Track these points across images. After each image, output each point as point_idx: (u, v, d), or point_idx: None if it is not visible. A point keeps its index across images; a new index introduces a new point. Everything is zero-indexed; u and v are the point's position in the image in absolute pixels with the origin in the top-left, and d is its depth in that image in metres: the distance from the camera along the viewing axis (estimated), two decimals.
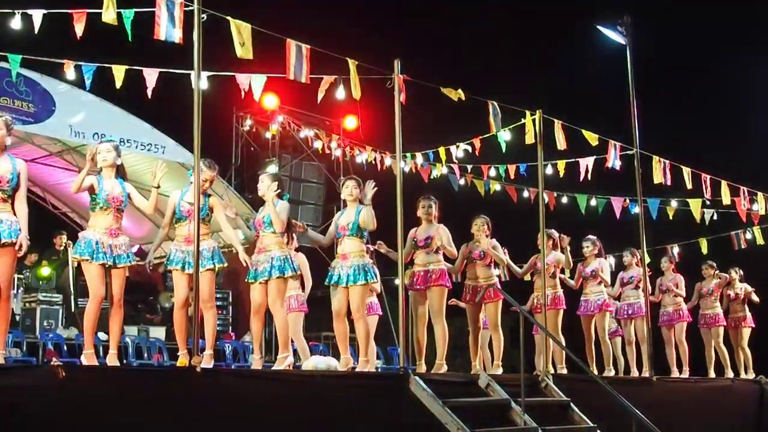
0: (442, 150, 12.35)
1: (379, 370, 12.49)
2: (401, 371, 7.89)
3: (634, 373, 11.61)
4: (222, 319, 15.30)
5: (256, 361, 8.21)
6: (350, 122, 12.86)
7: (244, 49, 7.60)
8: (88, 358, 6.87)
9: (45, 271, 13.00)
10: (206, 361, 7.36)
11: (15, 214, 6.53)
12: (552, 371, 9.69)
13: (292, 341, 9.11)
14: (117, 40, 7.78)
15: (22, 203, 6.62)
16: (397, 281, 8.54)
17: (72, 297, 13.04)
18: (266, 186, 8.07)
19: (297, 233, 8.88)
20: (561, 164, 11.53)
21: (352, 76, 8.41)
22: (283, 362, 7.88)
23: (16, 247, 6.44)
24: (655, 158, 11.47)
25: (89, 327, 6.94)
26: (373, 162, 14.00)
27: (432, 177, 13.31)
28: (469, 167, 12.96)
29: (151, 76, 8.71)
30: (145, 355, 12.34)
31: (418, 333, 9.14)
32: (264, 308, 8.00)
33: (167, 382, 6.50)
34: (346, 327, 8.31)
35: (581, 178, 11.51)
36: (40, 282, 13.06)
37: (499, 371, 9.63)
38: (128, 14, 7.55)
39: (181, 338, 7.75)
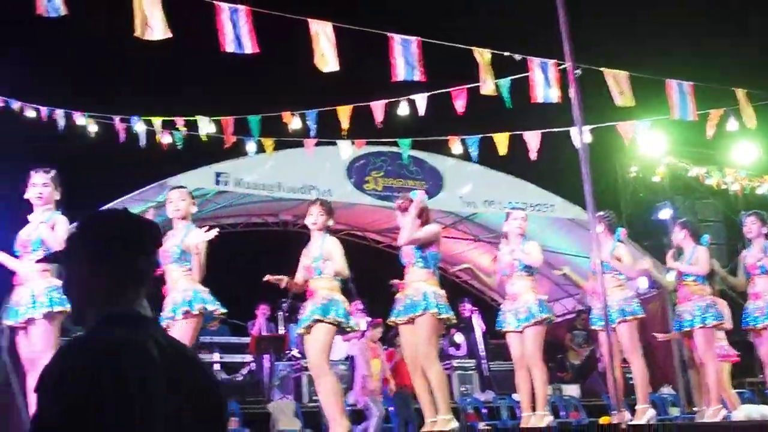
0: None
1: None
2: None
3: None
4: None
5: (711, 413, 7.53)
6: (745, 153, 11.98)
7: (624, 98, 7.52)
8: None
9: (458, 338, 13.54)
10: (639, 416, 7.25)
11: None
12: None
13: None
14: (496, 109, 8.04)
15: None
16: None
17: (485, 361, 13.42)
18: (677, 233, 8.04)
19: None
20: None
21: (741, 106, 7.97)
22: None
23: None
24: None
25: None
26: None
27: None
28: None
29: (533, 138, 8.89)
30: (562, 413, 12.30)
31: None
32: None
33: None
34: None
35: None
36: (455, 349, 13.67)
37: None
38: (504, 83, 7.77)
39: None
